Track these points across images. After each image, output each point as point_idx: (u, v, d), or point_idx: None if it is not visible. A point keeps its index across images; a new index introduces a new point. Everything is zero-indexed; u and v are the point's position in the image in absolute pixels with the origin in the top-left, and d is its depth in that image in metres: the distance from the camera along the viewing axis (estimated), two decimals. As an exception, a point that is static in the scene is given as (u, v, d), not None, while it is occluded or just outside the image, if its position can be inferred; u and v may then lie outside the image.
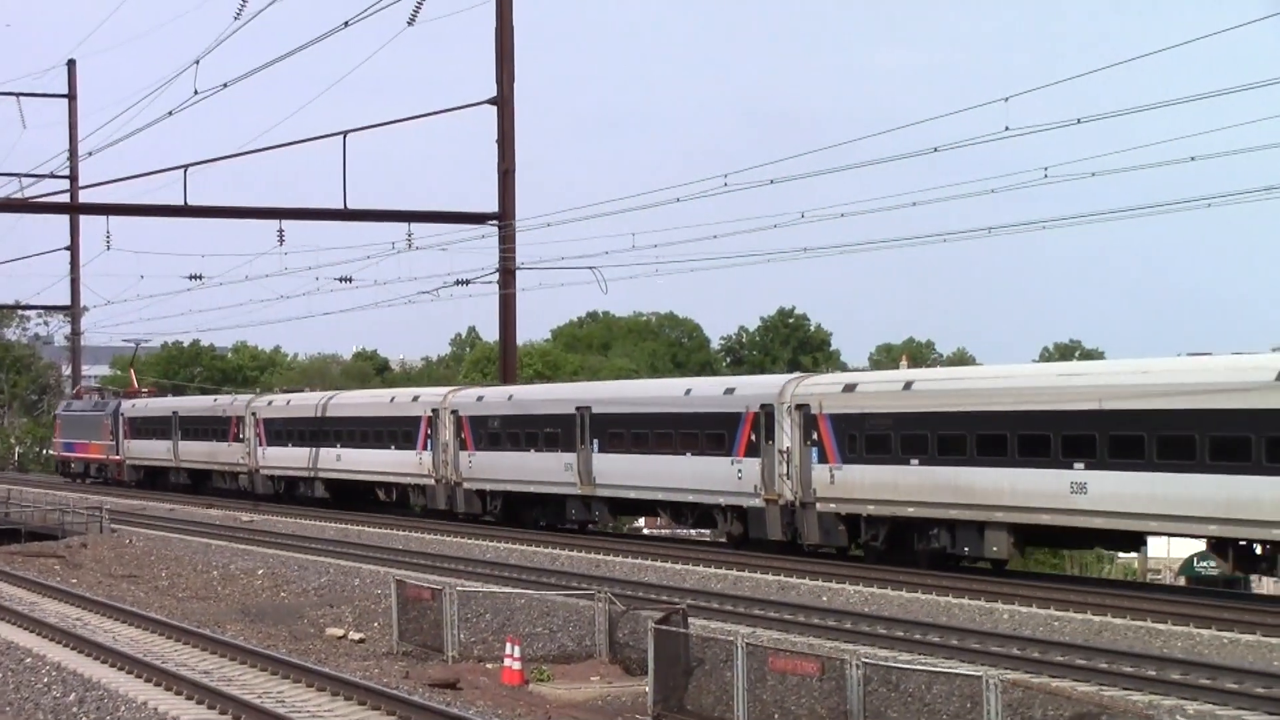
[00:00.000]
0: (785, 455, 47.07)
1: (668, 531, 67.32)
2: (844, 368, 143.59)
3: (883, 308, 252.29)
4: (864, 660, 27.20)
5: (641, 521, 77.50)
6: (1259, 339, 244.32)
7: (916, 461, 43.08)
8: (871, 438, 44.67)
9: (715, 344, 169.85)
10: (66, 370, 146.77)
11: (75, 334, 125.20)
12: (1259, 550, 36.75)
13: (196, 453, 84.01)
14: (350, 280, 73.34)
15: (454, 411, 62.24)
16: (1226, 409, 36.21)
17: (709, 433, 50.14)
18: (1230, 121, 41.93)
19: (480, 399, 62.51)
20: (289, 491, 75.59)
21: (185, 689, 28.35)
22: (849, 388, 46.23)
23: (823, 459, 45.94)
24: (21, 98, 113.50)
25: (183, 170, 68.90)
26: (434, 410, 62.92)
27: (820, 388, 47.07)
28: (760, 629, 33.99)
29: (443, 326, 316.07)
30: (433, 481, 63.06)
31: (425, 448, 59.28)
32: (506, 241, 70.09)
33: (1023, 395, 40.89)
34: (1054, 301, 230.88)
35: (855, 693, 26.61)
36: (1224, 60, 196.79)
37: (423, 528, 59.59)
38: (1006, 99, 42.90)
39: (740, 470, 48.61)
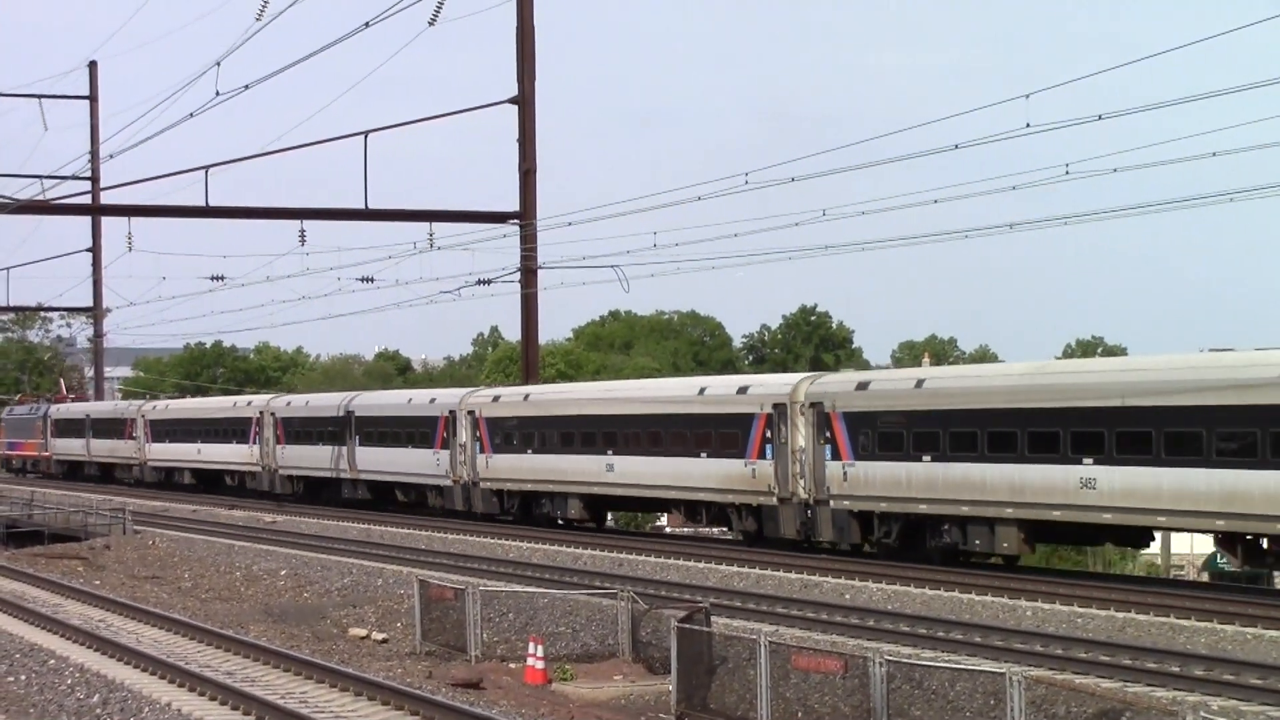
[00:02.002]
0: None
1: (690, 530, 67.61)
2: (866, 365, 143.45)
3: (905, 305, 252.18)
4: (887, 658, 27.16)
5: (664, 519, 77.94)
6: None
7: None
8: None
9: (737, 342, 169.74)
10: (89, 372, 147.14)
11: (98, 336, 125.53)
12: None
13: (104, 448, 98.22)
14: (372, 280, 73.46)
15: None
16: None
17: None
18: (1252, 117, 41.88)
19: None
20: (168, 479, 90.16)
21: (209, 690, 28.41)
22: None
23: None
24: (43, 99, 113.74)
25: (204, 171, 68.99)
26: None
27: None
28: (783, 627, 33.98)
29: (465, 326, 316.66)
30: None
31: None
32: (528, 241, 70.10)
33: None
34: (1076, 297, 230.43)
35: (879, 690, 26.59)
36: (1246, 56, 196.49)
37: (447, 528, 59.65)
38: (1028, 96, 42.81)
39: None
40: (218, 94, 49.38)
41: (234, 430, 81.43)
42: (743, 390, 50.98)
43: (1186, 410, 37.43)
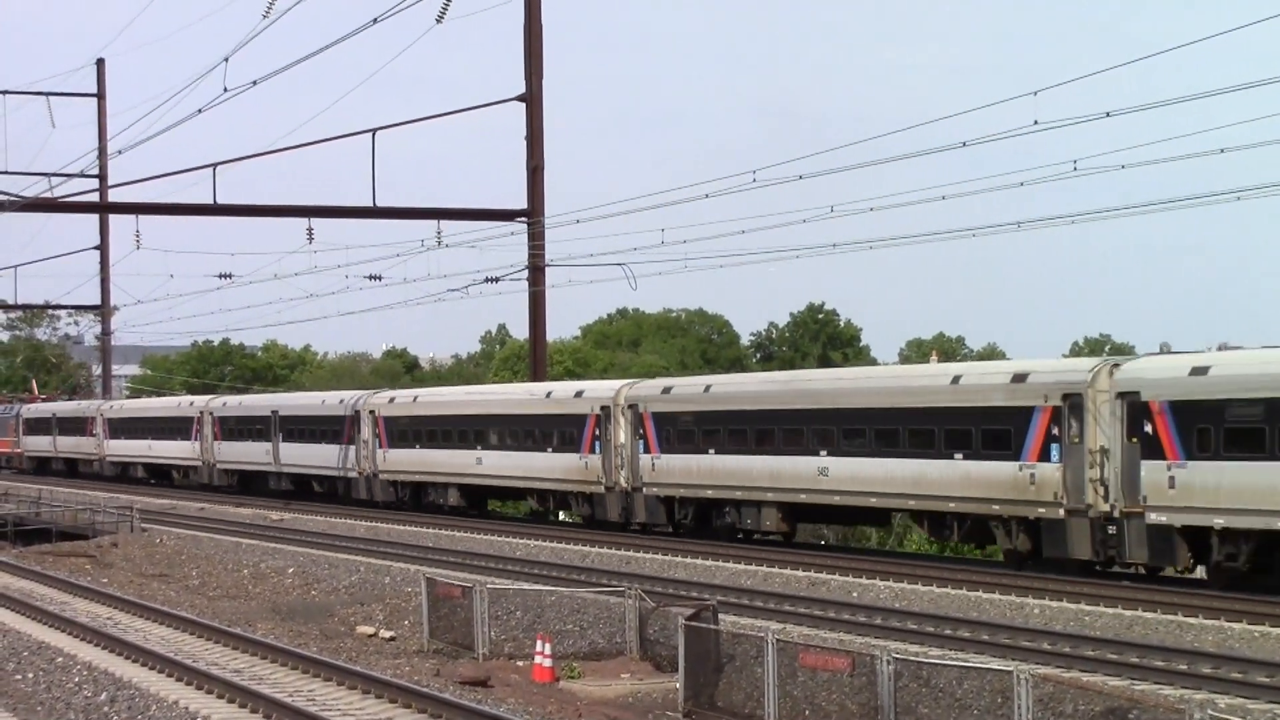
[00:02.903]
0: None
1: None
2: (874, 363, 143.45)
3: (912, 303, 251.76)
4: (894, 656, 27.17)
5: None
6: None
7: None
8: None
9: (745, 340, 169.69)
10: (97, 370, 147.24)
11: (105, 333, 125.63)
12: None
13: (68, 445, 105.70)
14: (380, 278, 73.64)
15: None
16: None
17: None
18: (1261, 114, 41.87)
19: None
20: (124, 473, 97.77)
21: (216, 688, 28.41)
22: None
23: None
24: (50, 97, 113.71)
25: (212, 169, 69.13)
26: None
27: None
28: (790, 625, 33.99)
29: (472, 324, 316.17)
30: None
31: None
32: (536, 238, 70.14)
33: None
34: (1083, 295, 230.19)
35: (886, 688, 26.59)
36: (1254, 53, 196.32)
37: (454, 525, 59.75)
38: (1035, 93, 42.80)
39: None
40: (225, 91, 49.40)
41: (178, 428, 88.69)
42: (579, 394, 58.24)
43: (887, 412, 45.56)
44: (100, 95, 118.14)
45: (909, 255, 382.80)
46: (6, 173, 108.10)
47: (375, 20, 44.91)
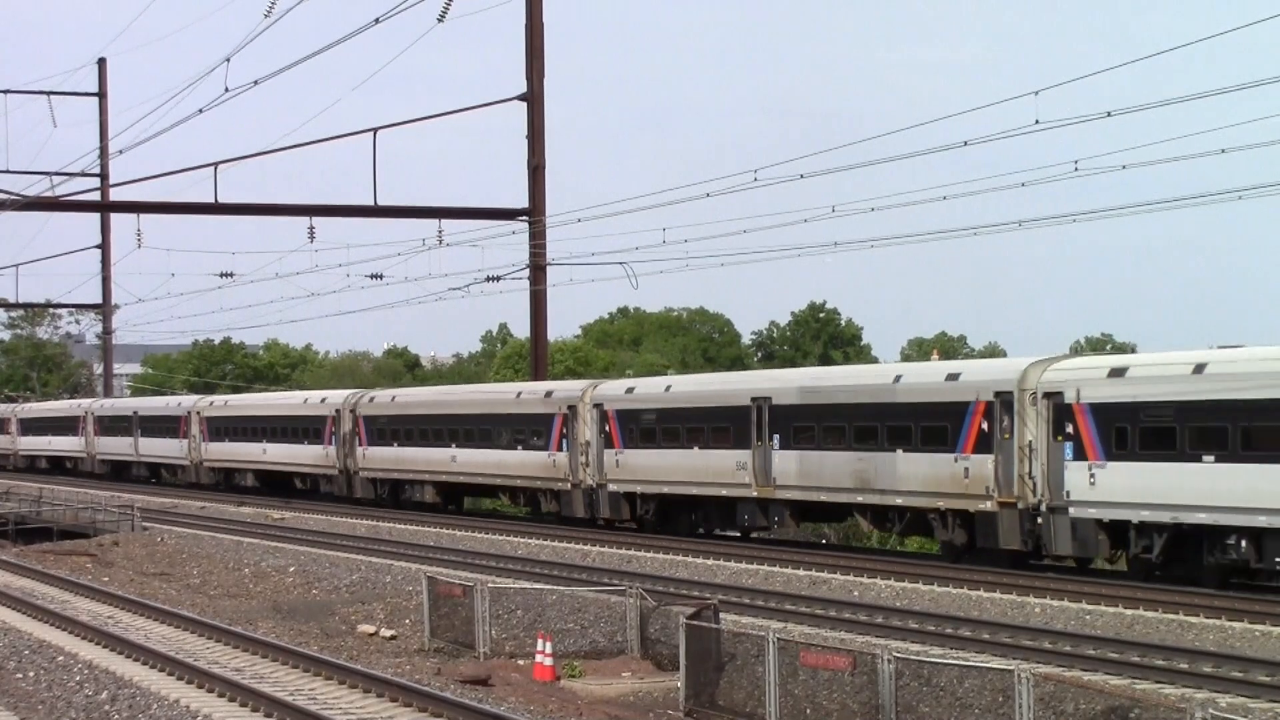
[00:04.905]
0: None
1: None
2: (875, 361, 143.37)
3: (914, 302, 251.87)
4: (895, 655, 27.17)
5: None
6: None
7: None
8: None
9: (746, 339, 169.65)
10: (98, 369, 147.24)
11: (107, 332, 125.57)
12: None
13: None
14: (381, 277, 73.68)
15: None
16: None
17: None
18: (1261, 113, 41.87)
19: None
20: (56, 466, 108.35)
21: (217, 687, 28.40)
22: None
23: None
24: (52, 96, 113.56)
25: (213, 168, 69.11)
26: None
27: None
28: (791, 624, 33.99)
29: (473, 323, 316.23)
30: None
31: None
32: (537, 237, 70.13)
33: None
34: (1085, 294, 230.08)
35: (887, 687, 26.59)
36: (1255, 53, 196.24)
37: (455, 525, 59.80)
38: (1037, 93, 42.80)
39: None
40: (227, 90, 49.36)
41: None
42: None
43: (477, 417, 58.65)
44: (102, 94, 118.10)
45: (911, 254, 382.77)
46: (8, 171, 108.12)
47: (377, 20, 44.88)
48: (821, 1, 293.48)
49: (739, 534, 53.40)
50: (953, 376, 44.75)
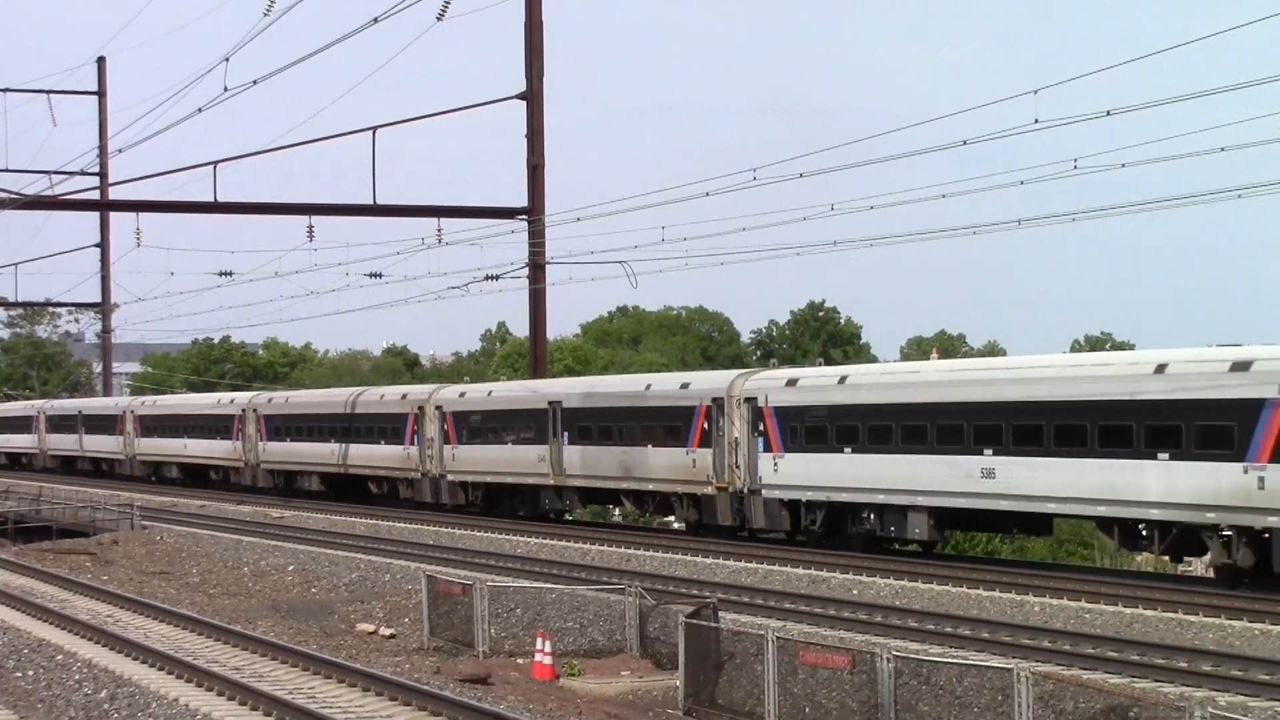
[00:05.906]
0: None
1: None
2: (874, 360, 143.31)
3: (913, 300, 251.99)
4: (895, 654, 27.16)
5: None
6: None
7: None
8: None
9: (745, 338, 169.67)
10: (97, 367, 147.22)
11: (106, 331, 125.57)
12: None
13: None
14: (380, 276, 73.61)
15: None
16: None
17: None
18: (1261, 112, 41.90)
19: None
20: (14, 462, 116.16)
21: (216, 685, 28.39)
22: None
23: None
24: (51, 95, 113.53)
25: (213, 166, 68.97)
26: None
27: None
28: (791, 623, 33.98)
29: (473, 322, 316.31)
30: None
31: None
32: (536, 236, 70.10)
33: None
34: (1084, 293, 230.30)
35: (886, 686, 26.59)
36: (1255, 52, 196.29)
37: (456, 523, 59.84)
38: (1036, 92, 42.87)
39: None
40: (226, 89, 49.37)
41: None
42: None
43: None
44: (101, 93, 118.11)
45: (910, 253, 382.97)
46: (7, 170, 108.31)
47: (376, 20, 44.91)
48: (821, 1, 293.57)
49: (539, 517, 61.39)
50: (685, 386, 54.48)
